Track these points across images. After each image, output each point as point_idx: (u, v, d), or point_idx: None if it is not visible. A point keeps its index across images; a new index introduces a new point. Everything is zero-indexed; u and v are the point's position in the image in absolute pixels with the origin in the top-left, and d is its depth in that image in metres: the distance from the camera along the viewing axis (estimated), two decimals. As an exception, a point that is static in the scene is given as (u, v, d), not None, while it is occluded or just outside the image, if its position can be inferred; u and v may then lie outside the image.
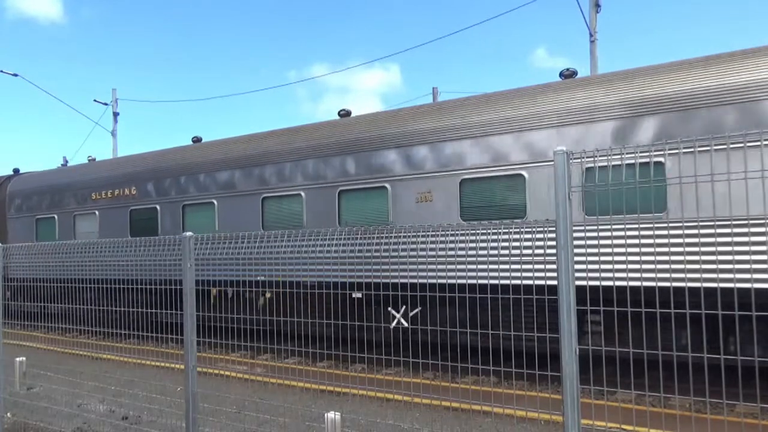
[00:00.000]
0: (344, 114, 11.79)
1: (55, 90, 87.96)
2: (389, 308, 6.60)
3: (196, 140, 14.35)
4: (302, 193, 10.78)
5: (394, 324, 6.04)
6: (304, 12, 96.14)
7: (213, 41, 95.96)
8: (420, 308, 5.48)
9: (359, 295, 5.66)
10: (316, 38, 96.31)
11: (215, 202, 12.13)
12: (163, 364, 6.15)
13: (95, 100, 27.84)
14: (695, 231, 6.28)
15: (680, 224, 6.95)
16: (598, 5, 15.58)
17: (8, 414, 6.79)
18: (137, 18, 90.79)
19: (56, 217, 15.69)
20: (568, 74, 9.55)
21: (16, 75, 24.72)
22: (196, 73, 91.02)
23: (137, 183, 13.74)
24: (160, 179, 13.31)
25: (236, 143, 12.61)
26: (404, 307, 6.78)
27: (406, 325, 5.47)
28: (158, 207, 13.19)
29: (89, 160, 17.23)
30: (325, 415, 4.86)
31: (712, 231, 5.49)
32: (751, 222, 6.15)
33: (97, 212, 14.69)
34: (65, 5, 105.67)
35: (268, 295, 6.35)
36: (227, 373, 7.00)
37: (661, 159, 6.72)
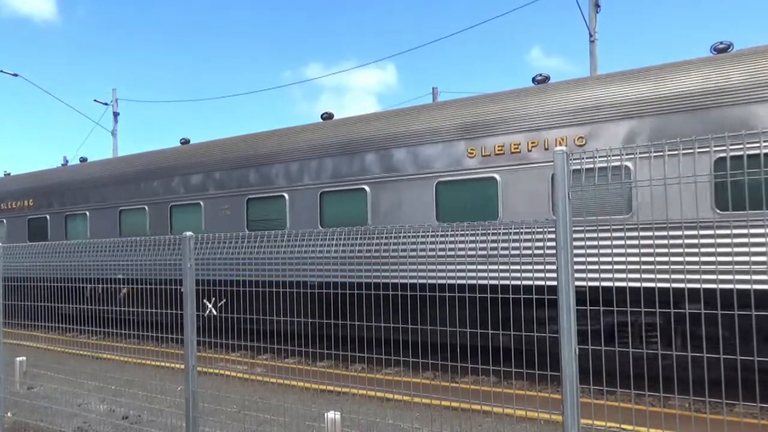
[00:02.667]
0: (184, 142, 14.39)
1: (53, 90, 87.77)
2: (204, 300, 7.31)
3: (83, 160, 17.28)
4: (146, 207, 13.45)
5: (206, 313, 6.79)
6: (297, 11, 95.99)
7: (208, 40, 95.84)
8: (224, 300, 6.22)
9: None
10: (310, 37, 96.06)
11: (88, 213, 14.85)
12: (163, 364, 6.15)
13: (95, 100, 27.86)
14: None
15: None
16: (597, 5, 15.57)
17: (9, 413, 6.80)
18: (131, 18, 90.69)
19: None
20: (326, 116, 11.88)
21: (16, 75, 24.73)
22: (192, 72, 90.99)
23: (34, 196, 16.49)
24: (49, 194, 16.11)
25: (99, 166, 15.85)
26: (213, 299, 7.83)
27: (215, 313, 6.24)
28: (48, 216, 15.90)
29: (5, 174, 19.42)
30: (325, 414, 4.87)
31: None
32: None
33: (4, 220, 17.23)
34: (59, 4, 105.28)
35: (124, 290, 7.19)
36: (227, 372, 7.00)
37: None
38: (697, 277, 5.29)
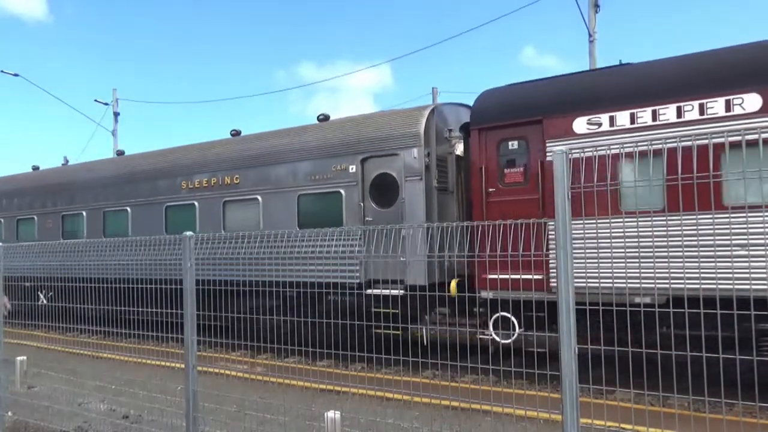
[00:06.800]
0: (34, 168, 18.56)
1: (52, 90, 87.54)
2: (40, 292, 8.60)
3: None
4: (2, 220, 17.53)
5: (40, 302, 7.67)
6: (290, 10, 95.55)
7: (201, 39, 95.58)
8: (51, 293, 7.32)
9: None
10: (302, 35, 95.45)
11: None
12: (163, 363, 6.16)
13: (96, 100, 27.84)
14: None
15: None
16: (597, 5, 15.57)
17: (9, 413, 6.80)
18: (124, 18, 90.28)
19: None
20: (119, 153, 16.52)
21: (17, 75, 24.79)
22: (187, 71, 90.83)
23: None
24: None
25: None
26: (44, 291, 9.00)
27: (46, 302, 7.09)
28: None
29: None
30: (325, 414, 4.88)
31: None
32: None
33: None
34: (50, 3, 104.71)
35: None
36: (227, 372, 7.02)
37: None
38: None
